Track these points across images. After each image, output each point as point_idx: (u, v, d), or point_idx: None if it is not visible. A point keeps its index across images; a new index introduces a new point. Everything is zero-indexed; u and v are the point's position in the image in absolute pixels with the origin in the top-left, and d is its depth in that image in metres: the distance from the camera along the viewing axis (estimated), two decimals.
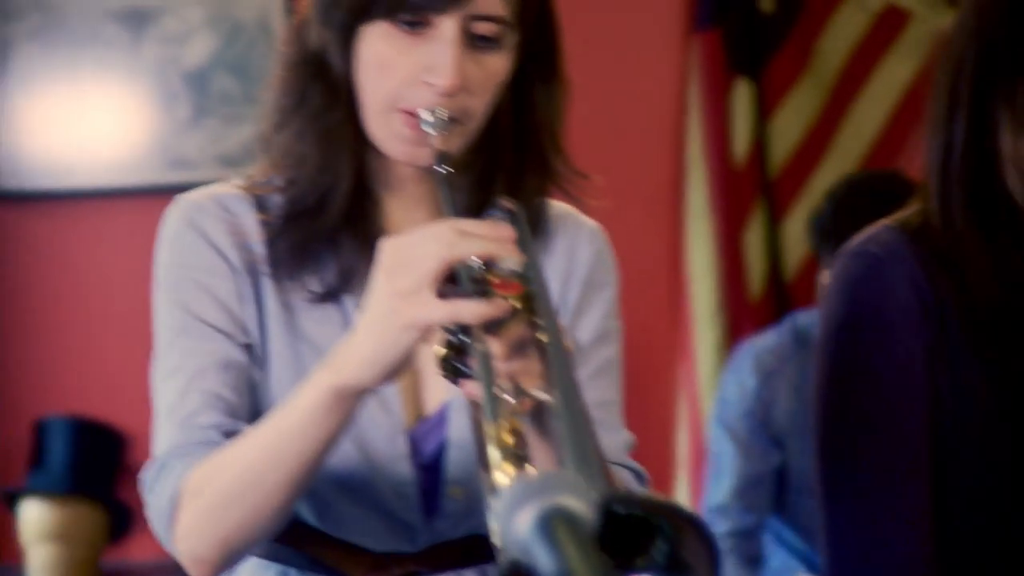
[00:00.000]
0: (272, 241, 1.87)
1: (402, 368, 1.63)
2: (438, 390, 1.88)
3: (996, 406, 1.96)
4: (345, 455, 1.84)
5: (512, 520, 1.09)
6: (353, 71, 1.83)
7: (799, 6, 4.69)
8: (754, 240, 4.64)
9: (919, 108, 4.63)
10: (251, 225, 1.88)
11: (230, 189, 1.93)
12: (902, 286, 1.97)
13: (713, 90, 4.64)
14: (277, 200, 1.89)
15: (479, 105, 1.82)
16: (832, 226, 3.52)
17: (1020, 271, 1.97)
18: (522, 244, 1.62)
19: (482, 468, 1.50)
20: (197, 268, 1.86)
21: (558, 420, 1.44)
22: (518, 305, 1.58)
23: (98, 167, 4.61)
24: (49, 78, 4.59)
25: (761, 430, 3.71)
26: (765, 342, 3.79)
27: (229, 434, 1.80)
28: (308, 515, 1.89)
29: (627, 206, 1.98)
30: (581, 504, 1.09)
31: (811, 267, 4.67)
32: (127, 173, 4.61)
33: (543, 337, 1.55)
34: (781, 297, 4.68)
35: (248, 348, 1.86)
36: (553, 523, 1.07)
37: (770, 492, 3.73)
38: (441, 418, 1.89)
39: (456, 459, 1.88)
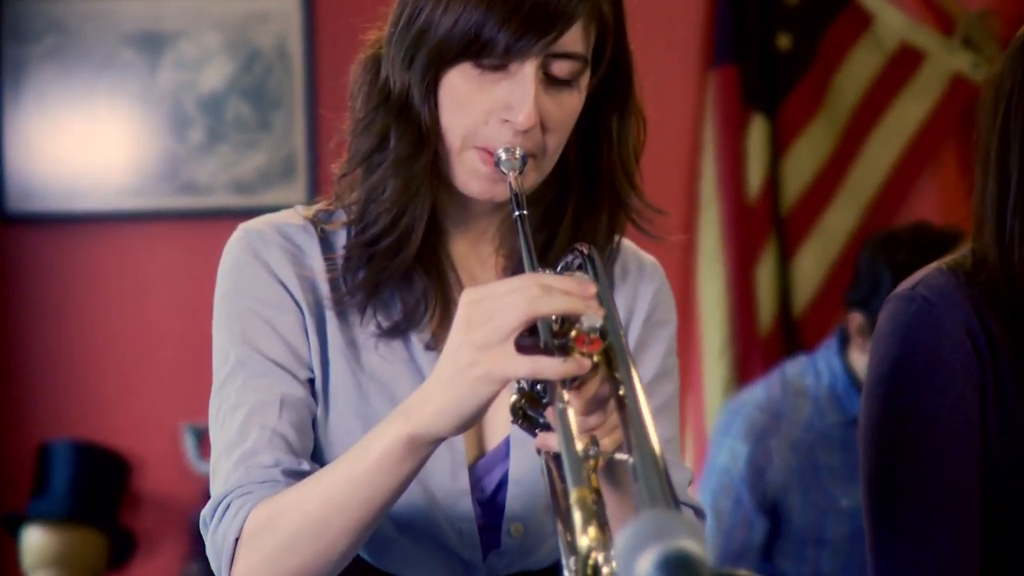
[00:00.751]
0: (340, 278, 1.85)
1: (476, 419, 1.62)
2: (499, 424, 1.87)
3: None
4: (408, 491, 1.79)
5: (633, 562, 1.13)
6: (435, 113, 1.82)
7: (816, 44, 4.71)
8: (765, 276, 4.65)
9: (931, 148, 4.76)
10: (316, 259, 1.86)
11: (295, 219, 1.90)
12: (955, 330, 1.98)
13: (729, 126, 4.65)
14: (343, 236, 1.87)
15: (554, 142, 1.81)
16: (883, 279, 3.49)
17: None
18: (601, 296, 1.61)
19: (561, 526, 1.51)
20: (259, 300, 1.84)
21: (638, 482, 1.43)
22: (597, 361, 1.57)
23: (110, 191, 4.61)
24: (63, 100, 4.59)
25: (751, 499, 3.65)
26: (755, 397, 3.71)
27: (291, 473, 1.77)
28: (365, 552, 1.87)
29: (639, 241, 1.98)
30: (698, 547, 1.12)
31: (820, 304, 4.69)
32: (139, 197, 4.61)
33: (622, 392, 1.55)
34: (790, 333, 4.68)
35: (310, 384, 1.84)
36: (674, 564, 1.11)
37: (755, 563, 3.67)
38: (503, 454, 1.88)
39: (517, 495, 1.87)
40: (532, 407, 1.62)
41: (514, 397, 1.63)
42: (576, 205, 1.89)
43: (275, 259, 1.85)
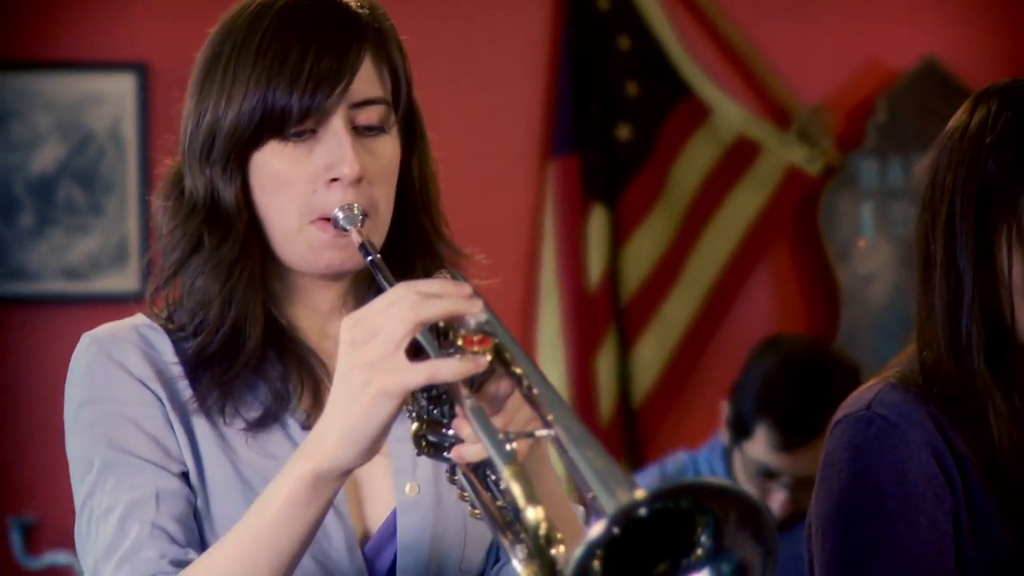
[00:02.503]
0: (194, 380, 1.81)
1: (379, 443, 1.58)
2: (382, 498, 1.85)
3: (1022, 553, 1.88)
4: (305, 571, 1.77)
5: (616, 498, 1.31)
6: (249, 200, 1.80)
7: (655, 135, 4.74)
8: (605, 366, 4.65)
9: (767, 238, 4.80)
10: (170, 356, 1.82)
11: (144, 321, 1.86)
12: (920, 451, 1.88)
13: (569, 216, 4.66)
14: (191, 340, 1.83)
15: (383, 194, 1.81)
16: (775, 396, 3.49)
17: None
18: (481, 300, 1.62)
19: (499, 533, 1.52)
20: (119, 401, 1.79)
21: (569, 449, 1.43)
22: (489, 357, 1.56)
23: None
24: None
25: None
26: None
27: (178, 563, 1.71)
28: None
29: None
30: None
31: (660, 394, 4.70)
32: None
33: (527, 381, 1.55)
34: (630, 423, 4.68)
35: (184, 477, 1.80)
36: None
37: None
38: (392, 525, 1.84)
39: (407, 564, 1.83)
40: (433, 432, 1.61)
41: (414, 426, 1.62)
42: (392, 258, 1.84)
43: (130, 359, 1.81)
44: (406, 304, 1.55)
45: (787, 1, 4.89)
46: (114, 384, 1.80)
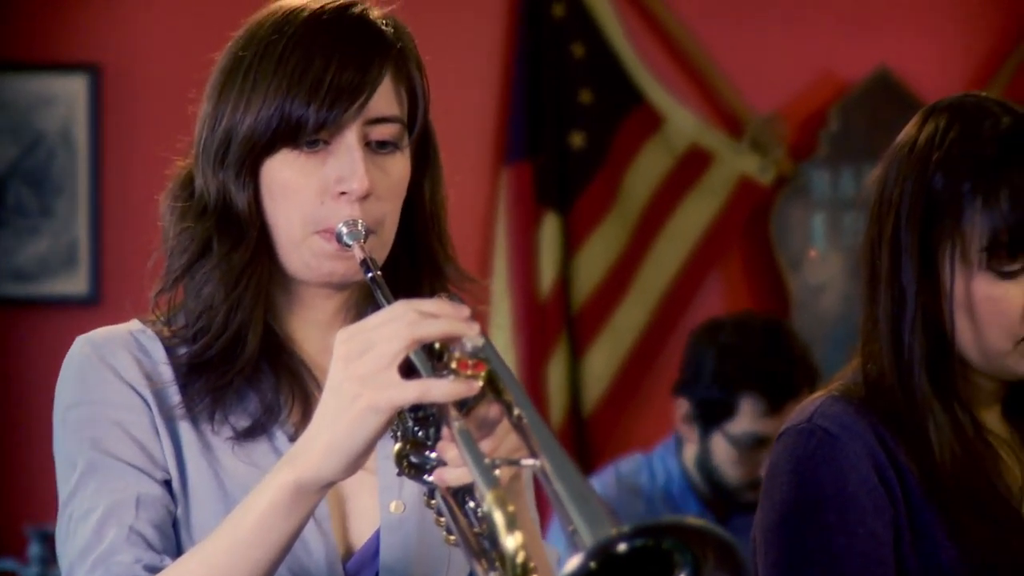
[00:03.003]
0: (186, 386, 1.81)
1: (364, 458, 1.57)
2: (367, 516, 1.84)
3: (963, 566, 1.90)
4: None
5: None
6: (259, 206, 1.80)
7: (608, 143, 4.75)
8: (556, 374, 4.65)
9: (719, 247, 4.81)
10: (162, 363, 1.82)
11: (139, 327, 1.85)
12: (860, 463, 1.91)
13: (521, 223, 4.67)
14: (187, 346, 1.83)
15: (390, 211, 1.80)
16: (749, 368, 3.54)
17: (973, 427, 1.95)
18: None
19: (473, 559, 1.51)
20: (108, 404, 1.78)
21: (554, 481, 1.43)
22: (481, 383, 1.55)
23: None
24: None
25: None
26: None
27: (152, 569, 1.70)
28: None
29: None
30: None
31: (611, 402, 4.70)
32: None
33: (517, 410, 1.54)
34: (580, 431, 4.68)
35: (166, 485, 1.78)
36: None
37: None
38: (374, 548, 1.83)
39: None
40: (416, 453, 1.61)
41: (397, 446, 1.62)
42: (397, 276, 1.84)
43: (121, 363, 1.81)
44: (404, 321, 1.54)
45: (741, 11, 4.90)
46: (104, 387, 1.80)
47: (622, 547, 1.33)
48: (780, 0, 4.93)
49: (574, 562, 1.30)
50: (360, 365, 1.54)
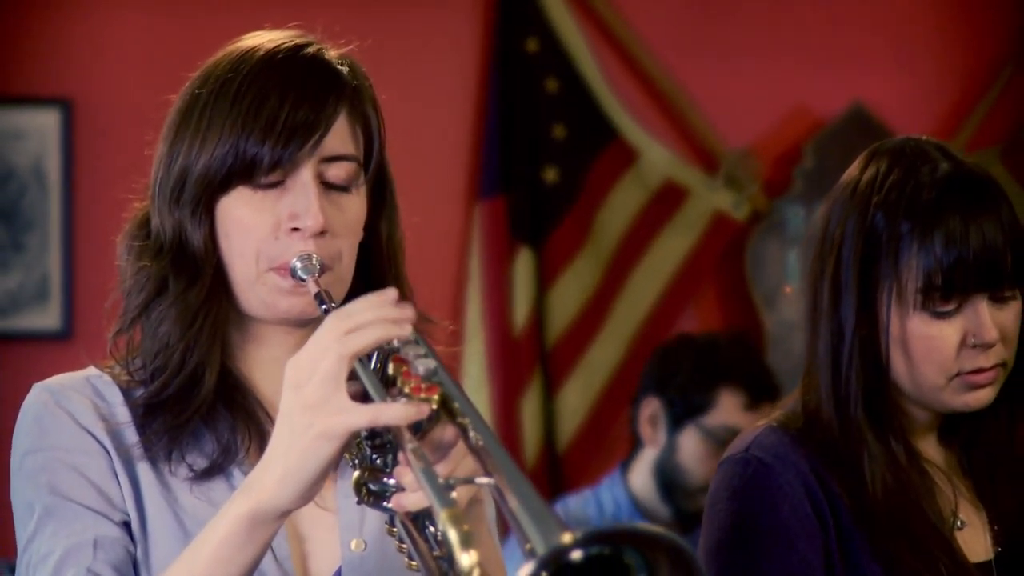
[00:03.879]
0: (143, 427, 1.81)
1: (318, 486, 1.58)
2: (328, 554, 1.84)
3: None
4: None
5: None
6: (215, 245, 1.81)
7: (582, 178, 4.75)
8: (530, 410, 4.64)
9: (693, 283, 4.81)
10: (119, 406, 1.83)
11: (95, 373, 1.87)
12: (792, 491, 1.99)
13: (495, 258, 4.66)
14: (144, 387, 1.83)
15: (345, 248, 1.82)
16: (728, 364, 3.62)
17: (906, 455, 2.03)
18: (428, 346, 1.63)
19: (434, 570, 1.53)
20: (64, 449, 1.79)
21: (508, 496, 1.44)
22: (436, 406, 1.57)
23: None
24: None
25: None
26: None
27: None
28: None
29: None
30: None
31: (585, 438, 4.69)
32: None
33: (472, 432, 1.55)
34: (554, 468, 4.67)
35: (125, 526, 1.80)
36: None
37: None
38: None
39: None
40: (375, 480, 1.63)
41: (356, 474, 1.63)
42: None
43: (77, 407, 1.82)
44: (335, 337, 1.56)
45: (715, 46, 4.91)
46: (60, 432, 1.80)
47: (576, 555, 1.33)
48: (754, 36, 4.94)
49: (526, 570, 1.30)
50: (309, 393, 1.56)
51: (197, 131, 1.80)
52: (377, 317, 1.58)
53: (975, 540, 2.07)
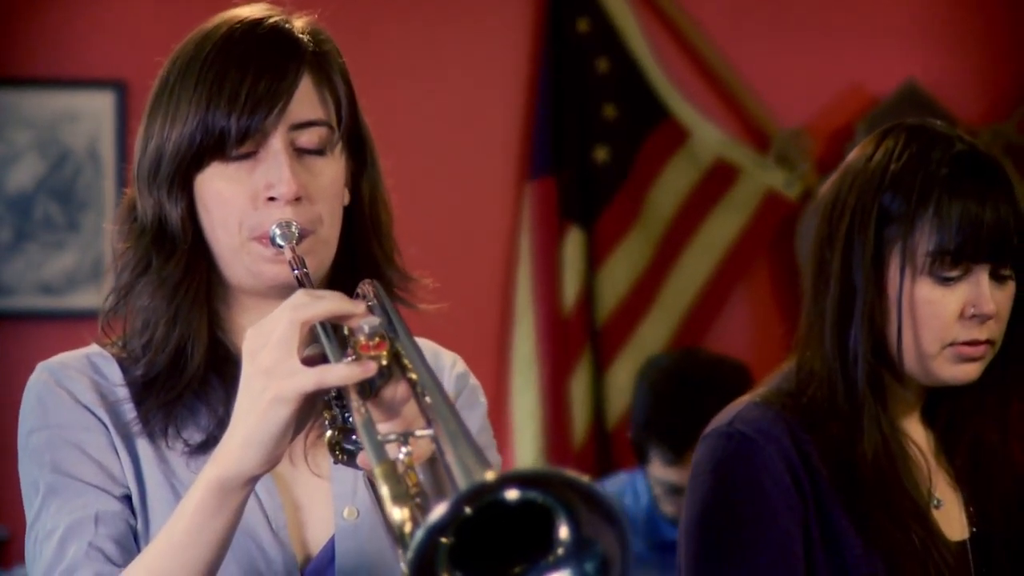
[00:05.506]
0: (140, 403, 1.85)
1: (280, 448, 1.62)
2: (322, 523, 1.88)
3: (868, 556, 2.04)
4: None
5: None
6: (195, 221, 1.85)
7: (632, 158, 4.75)
8: (579, 388, 4.65)
9: (744, 262, 4.81)
10: (119, 384, 1.87)
11: (96, 350, 1.91)
12: (774, 464, 2.04)
13: (545, 238, 4.67)
14: (139, 364, 1.87)
15: (325, 211, 1.84)
16: (654, 416, 3.54)
17: (890, 427, 2.09)
18: (383, 307, 1.68)
19: (393, 541, 1.52)
20: (65, 426, 1.84)
21: (444, 444, 1.46)
22: (385, 363, 1.60)
23: None
24: None
25: None
26: None
27: None
28: None
29: (455, 350, 2.00)
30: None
31: None
32: None
33: (419, 387, 1.57)
34: (603, 446, 4.68)
35: (126, 500, 1.83)
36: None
37: None
38: (331, 550, 1.87)
39: None
40: (347, 439, 1.66)
41: (328, 433, 1.67)
42: (337, 279, 1.89)
43: (77, 386, 1.86)
44: (291, 305, 1.62)
45: (767, 24, 4.90)
46: (61, 410, 1.84)
47: (504, 497, 1.35)
48: (807, 13, 4.93)
49: (439, 510, 1.32)
50: (263, 357, 1.61)
51: (167, 112, 1.83)
52: (339, 295, 1.63)
53: (951, 519, 2.13)
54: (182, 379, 1.84)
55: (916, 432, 2.16)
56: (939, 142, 2.10)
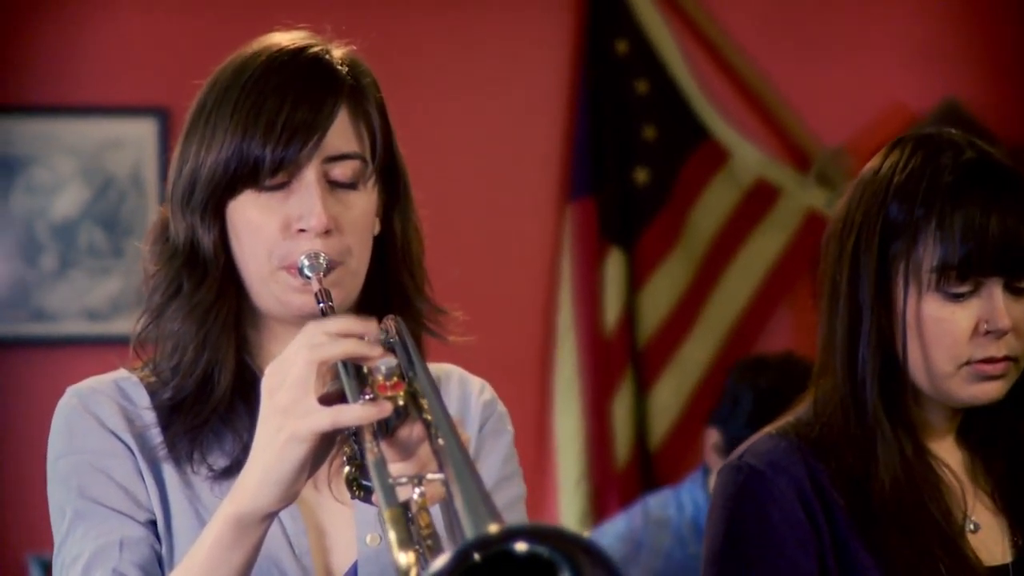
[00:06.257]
0: (167, 427, 1.86)
1: (298, 485, 1.63)
2: (345, 548, 1.88)
3: None
4: None
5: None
6: (227, 247, 1.85)
7: (673, 179, 4.76)
8: (622, 409, 4.65)
9: (786, 282, 4.80)
10: (146, 409, 1.87)
11: (121, 375, 1.91)
12: (784, 497, 1.99)
13: (586, 258, 4.68)
14: (167, 388, 1.88)
15: (355, 243, 1.84)
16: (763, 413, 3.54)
17: (913, 448, 2.02)
18: (403, 344, 1.68)
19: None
20: (92, 452, 1.84)
21: (455, 492, 1.45)
22: (401, 403, 1.60)
23: None
24: None
25: None
26: (616, 528, 3.71)
27: None
28: None
29: (496, 373, 2.00)
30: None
31: (677, 438, 4.70)
32: None
33: (433, 429, 1.57)
34: (647, 467, 4.68)
35: (151, 525, 1.84)
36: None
37: None
38: None
39: None
40: (364, 475, 1.65)
41: (346, 469, 1.66)
42: (367, 310, 1.87)
43: (104, 411, 1.86)
44: (308, 344, 1.61)
45: (806, 43, 4.90)
46: (88, 436, 1.85)
47: (500, 548, 1.33)
48: (846, 32, 4.93)
49: (441, 560, 1.32)
50: (281, 396, 1.61)
51: (203, 137, 1.83)
52: (354, 329, 1.63)
53: (992, 543, 2.04)
54: (209, 404, 1.84)
55: (950, 454, 2.07)
56: (948, 149, 2.00)
